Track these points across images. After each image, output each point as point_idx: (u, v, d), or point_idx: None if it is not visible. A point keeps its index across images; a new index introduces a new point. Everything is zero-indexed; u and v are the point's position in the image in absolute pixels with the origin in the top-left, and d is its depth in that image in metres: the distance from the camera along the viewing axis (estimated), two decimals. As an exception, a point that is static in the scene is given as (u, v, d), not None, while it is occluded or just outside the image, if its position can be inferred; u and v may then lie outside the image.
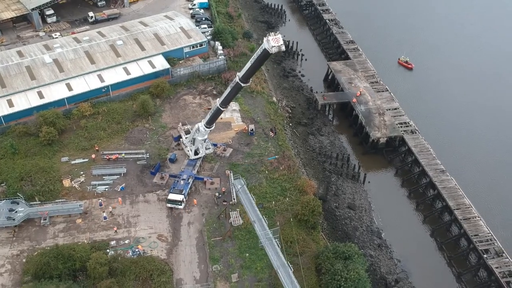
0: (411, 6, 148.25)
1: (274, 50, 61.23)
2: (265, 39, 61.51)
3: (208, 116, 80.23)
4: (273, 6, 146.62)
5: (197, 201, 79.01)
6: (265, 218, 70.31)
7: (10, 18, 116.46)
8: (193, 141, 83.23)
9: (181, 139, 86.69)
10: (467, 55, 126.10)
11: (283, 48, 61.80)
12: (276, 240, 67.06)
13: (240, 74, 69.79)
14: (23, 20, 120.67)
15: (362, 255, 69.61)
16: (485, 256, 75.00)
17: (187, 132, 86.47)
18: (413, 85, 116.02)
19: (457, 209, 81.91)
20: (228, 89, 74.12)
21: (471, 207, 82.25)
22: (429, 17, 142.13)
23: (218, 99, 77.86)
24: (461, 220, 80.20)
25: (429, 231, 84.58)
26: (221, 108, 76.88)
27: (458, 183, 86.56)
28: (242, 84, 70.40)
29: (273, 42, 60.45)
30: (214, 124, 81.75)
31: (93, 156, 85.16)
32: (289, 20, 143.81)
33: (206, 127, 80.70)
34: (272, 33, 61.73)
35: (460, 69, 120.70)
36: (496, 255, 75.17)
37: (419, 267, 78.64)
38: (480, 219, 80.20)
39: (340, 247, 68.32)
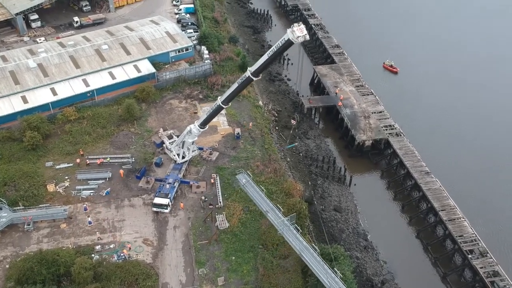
0: (396, 10, 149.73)
1: (300, 40, 60.46)
2: (289, 30, 60.54)
3: (204, 116, 79.32)
4: (259, 11, 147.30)
5: (183, 204, 78.73)
6: (278, 206, 71.57)
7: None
8: (182, 144, 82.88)
9: (164, 145, 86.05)
10: (451, 58, 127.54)
11: (308, 37, 61.53)
12: (293, 226, 68.50)
13: (252, 68, 68.52)
14: (7, 25, 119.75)
15: (348, 256, 69.80)
16: (469, 256, 75.65)
17: (170, 137, 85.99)
18: (398, 88, 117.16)
19: (442, 210, 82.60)
20: (235, 85, 72.46)
21: (456, 208, 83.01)
22: (414, 22, 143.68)
23: (219, 97, 76.26)
24: (446, 221, 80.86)
25: (415, 232, 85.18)
26: (223, 106, 75.78)
27: (442, 185, 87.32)
28: (254, 78, 69.27)
29: (298, 32, 59.85)
30: (207, 125, 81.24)
31: (78, 160, 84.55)
32: (275, 25, 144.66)
33: (200, 128, 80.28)
34: (295, 24, 60.95)
35: (444, 73, 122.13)
36: (480, 255, 75.88)
37: (405, 268, 79.09)
38: (465, 220, 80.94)
39: (326, 249, 68.42)
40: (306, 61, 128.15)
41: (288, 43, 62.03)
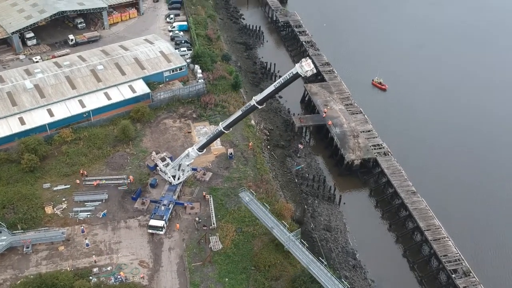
0: (386, 26, 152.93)
1: (308, 74, 64.75)
2: (297, 65, 64.64)
3: (204, 140, 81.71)
4: (251, 27, 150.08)
5: (179, 225, 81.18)
6: (283, 223, 75.75)
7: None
8: (178, 166, 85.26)
9: (157, 168, 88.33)
10: (439, 75, 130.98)
11: (315, 70, 66.50)
12: (298, 240, 73.65)
13: (258, 97, 71.85)
14: (3, 43, 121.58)
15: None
16: (453, 276, 78.75)
17: (163, 159, 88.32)
18: (386, 106, 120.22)
19: (427, 230, 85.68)
20: (239, 112, 75.55)
21: (441, 227, 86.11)
22: (404, 38, 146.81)
23: (221, 123, 78.80)
24: (431, 240, 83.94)
25: (402, 250, 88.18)
26: (224, 131, 78.52)
27: (428, 204, 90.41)
28: (259, 107, 72.91)
29: (307, 66, 63.93)
30: (205, 148, 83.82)
31: (78, 181, 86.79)
32: (267, 41, 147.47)
33: (199, 151, 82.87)
34: (303, 58, 65.15)
35: (432, 90, 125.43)
36: (464, 275, 78.96)
37: (392, 287, 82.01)
38: (449, 240, 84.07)
39: (316, 271, 71.15)
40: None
41: (296, 76, 66.26)
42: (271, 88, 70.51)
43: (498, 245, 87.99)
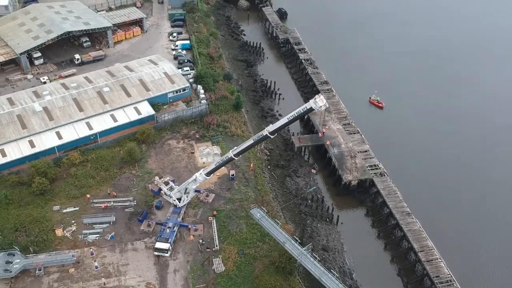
0: (385, 42, 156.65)
1: (322, 108, 72.97)
2: (312, 100, 71.98)
3: (213, 166, 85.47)
4: (252, 43, 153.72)
5: (182, 248, 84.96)
6: (295, 238, 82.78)
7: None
8: (185, 190, 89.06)
9: (161, 192, 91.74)
10: (435, 93, 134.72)
11: (327, 105, 74.81)
12: (309, 254, 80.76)
13: (271, 128, 77.85)
14: (11, 62, 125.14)
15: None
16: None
17: (166, 183, 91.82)
18: (383, 124, 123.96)
19: (421, 251, 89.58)
20: (250, 141, 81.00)
21: (434, 249, 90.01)
22: (403, 55, 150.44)
23: (231, 150, 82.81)
24: (424, 262, 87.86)
25: (396, 270, 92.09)
26: (235, 158, 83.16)
27: (422, 225, 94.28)
28: (271, 136, 79.16)
29: (320, 102, 71.23)
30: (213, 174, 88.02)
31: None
32: (267, 57, 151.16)
33: (206, 176, 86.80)
34: (317, 95, 72.34)
35: (427, 108, 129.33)
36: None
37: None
38: (442, 261, 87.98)
39: (313, 295, 75.19)
40: (297, 96, 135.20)
41: (309, 110, 73.30)
42: (284, 120, 76.46)
43: (488, 265, 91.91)
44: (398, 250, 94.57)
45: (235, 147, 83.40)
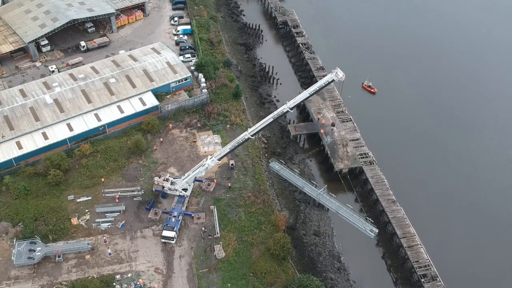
0: (380, 28, 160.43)
1: (342, 79, 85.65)
2: (333, 73, 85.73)
3: (227, 149, 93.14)
4: (251, 25, 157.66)
5: (186, 235, 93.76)
6: (312, 182, 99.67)
7: (9, 51, 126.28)
8: (194, 178, 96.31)
9: (164, 189, 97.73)
10: (428, 79, 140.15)
11: (344, 77, 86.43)
12: (325, 193, 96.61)
13: (290, 104, 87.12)
14: (20, 49, 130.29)
15: (322, 285, 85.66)
16: (422, 280, 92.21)
17: (167, 180, 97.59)
18: (375, 110, 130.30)
19: (403, 237, 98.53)
20: (269, 119, 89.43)
21: (415, 235, 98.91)
22: (397, 41, 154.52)
23: (248, 130, 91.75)
24: (405, 247, 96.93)
25: (381, 253, 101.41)
26: (251, 138, 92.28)
27: (406, 212, 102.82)
28: (291, 111, 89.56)
29: (340, 73, 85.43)
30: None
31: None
32: (266, 40, 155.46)
33: (218, 161, 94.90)
34: (337, 67, 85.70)
35: (420, 94, 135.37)
36: (431, 279, 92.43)
37: (371, 287, 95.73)
38: (422, 247, 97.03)
39: (303, 281, 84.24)
40: (294, 81, 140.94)
41: (330, 82, 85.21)
42: (305, 95, 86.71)
43: (466, 251, 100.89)
44: (383, 235, 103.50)
45: (252, 128, 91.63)
